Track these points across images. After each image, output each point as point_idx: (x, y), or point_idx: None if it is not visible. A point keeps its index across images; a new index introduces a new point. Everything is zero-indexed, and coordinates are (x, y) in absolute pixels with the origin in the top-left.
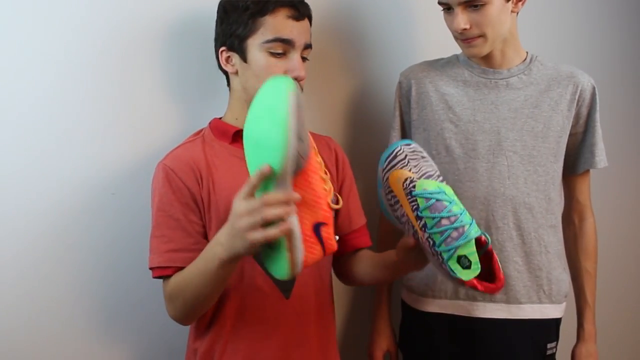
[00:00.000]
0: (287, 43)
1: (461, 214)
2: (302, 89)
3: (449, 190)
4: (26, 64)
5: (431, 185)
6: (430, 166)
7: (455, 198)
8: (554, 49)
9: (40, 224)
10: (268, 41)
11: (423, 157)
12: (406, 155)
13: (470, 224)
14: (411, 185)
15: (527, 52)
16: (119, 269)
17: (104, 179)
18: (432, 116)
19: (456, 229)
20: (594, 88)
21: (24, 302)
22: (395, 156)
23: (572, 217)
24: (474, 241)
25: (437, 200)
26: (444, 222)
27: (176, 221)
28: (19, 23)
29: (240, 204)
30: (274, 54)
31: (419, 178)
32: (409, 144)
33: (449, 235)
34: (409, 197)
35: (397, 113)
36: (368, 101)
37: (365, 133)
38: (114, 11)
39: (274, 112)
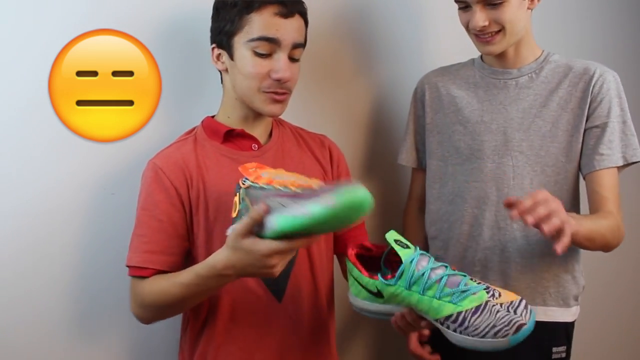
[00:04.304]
0: (273, 42)
1: None
2: (290, 91)
3: None
4: (23, 64)
5: None
6: None
7: None
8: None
9: (39, 224)
10: (253, 40)
11: None
12: None
13: None
14: None
15: (542, 50)
16: (118, 268)
17: (102, 178)
18: (443, 119)
19: None
20: (611, 82)
21: (22, 301)
22: None
23: (591, 210)
24: None
25: None
26: None
27: (159, 222)
28: (16, 24)
29: (268, 247)
30: (259, 54)
31: None
32: None
33: None
34: None
35: (411, 118)
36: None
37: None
38: (108, 12)
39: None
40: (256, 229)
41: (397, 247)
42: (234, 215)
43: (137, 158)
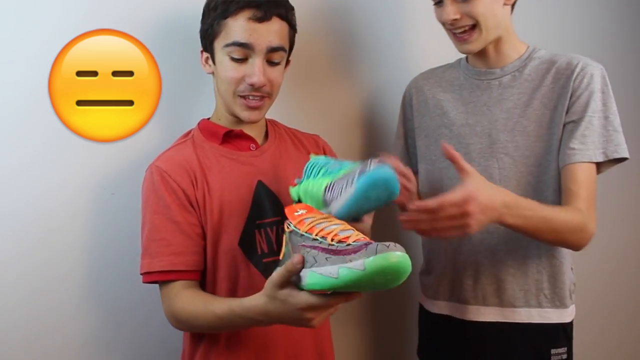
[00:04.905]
0: (246, 47)
1: None
2: (269, 95)
3: None
4: (23, 64)
5: None
6: None
7: None
8: (560, 39)
9: (39, 224)
10: (227, 45)
11: None
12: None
13: None
14: None
15: (527, 47)
16: (119, 268)
17: (102, 178)
18: (430, 123)
19: None
20: (594, 75)
21: (23, 302)
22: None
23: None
24: None
25: None
26: None
27: (175, 224)
28: (16, 24)
29: (304, 300)
30: (234, 59)
31: None
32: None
33: None
34: None
35: (401, 121)
36: (370, 106)
37: (366, 137)
38: (108, 12)
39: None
40: (294, 279)
41: (312, 156)
42: (280, 257)
43: (137, 158)
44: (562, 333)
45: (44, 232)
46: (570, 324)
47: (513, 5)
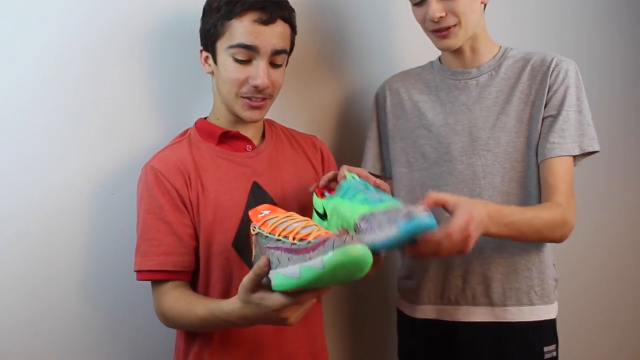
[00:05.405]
0: (251, 49)
1: None
2: (271, 97)
3: None
4: (23, 64)
5: None
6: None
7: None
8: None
9: (39, 224)
10: (232, 46)
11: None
12: None
13: None
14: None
15: (500, 47)
16: (118, 267)
17: (102, 178)
18: (406, 125)
19: None
20: (568, 70)
21: (23, 301)
22: None
23: (543, 199)
24: None
25: None
26: None
27: (167, 224)
28: (16, 24)
29: (277, 302)
30: (238, 60)
31: None
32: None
33: None
34: None
35: (374, 125)
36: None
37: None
38: (108, 12)
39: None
40: (265, 281)
41: (348, 174)
42: (252, 259)
43: (136, 158)
44: (550, 329)
45: (44, 232)
46: (555, 320)
47: (485, 5)
